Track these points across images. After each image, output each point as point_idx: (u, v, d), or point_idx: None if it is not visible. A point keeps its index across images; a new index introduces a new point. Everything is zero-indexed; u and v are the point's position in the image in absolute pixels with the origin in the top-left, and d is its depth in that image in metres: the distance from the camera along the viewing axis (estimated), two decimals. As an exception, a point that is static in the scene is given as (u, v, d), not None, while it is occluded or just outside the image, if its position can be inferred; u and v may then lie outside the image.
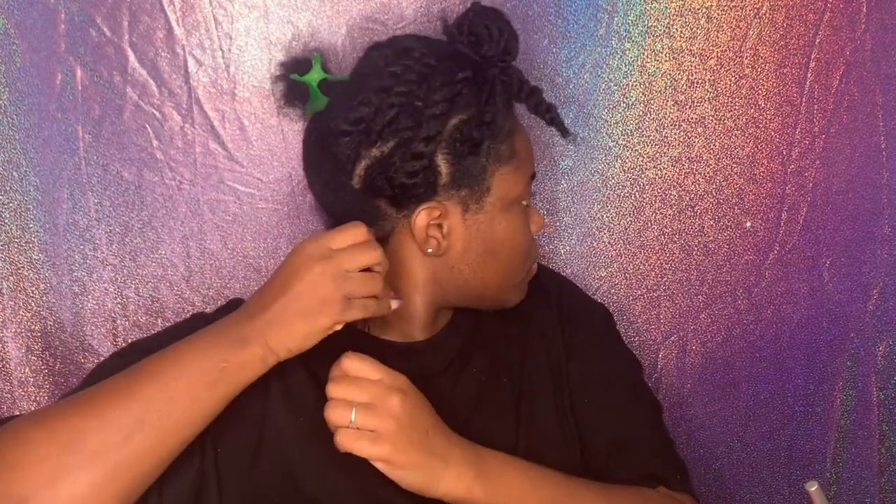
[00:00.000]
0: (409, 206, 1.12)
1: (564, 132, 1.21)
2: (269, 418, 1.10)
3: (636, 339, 1.49)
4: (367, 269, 1.05)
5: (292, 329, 1.01)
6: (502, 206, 1.15)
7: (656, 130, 1.46)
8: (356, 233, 1.04)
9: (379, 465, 1.03)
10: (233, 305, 1.15)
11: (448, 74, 1.11)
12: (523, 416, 1.19)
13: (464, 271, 1.16)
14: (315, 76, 1.15)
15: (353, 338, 1.14)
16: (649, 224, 1.48)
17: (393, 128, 1.10)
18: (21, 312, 1.40)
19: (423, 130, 1.09)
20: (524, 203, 1.18)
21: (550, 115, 1.19)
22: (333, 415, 1.02)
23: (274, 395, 1.11)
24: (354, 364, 1.04)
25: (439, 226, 1.13)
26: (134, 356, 1.03)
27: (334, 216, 1.16)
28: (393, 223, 1.14)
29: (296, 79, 1.16)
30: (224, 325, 1.03)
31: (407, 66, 1.11)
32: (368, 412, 1.02)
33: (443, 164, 1.11)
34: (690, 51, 1.44)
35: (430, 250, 1.14)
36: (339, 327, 1.03)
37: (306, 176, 1.19)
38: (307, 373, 1.11)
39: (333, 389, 1.03)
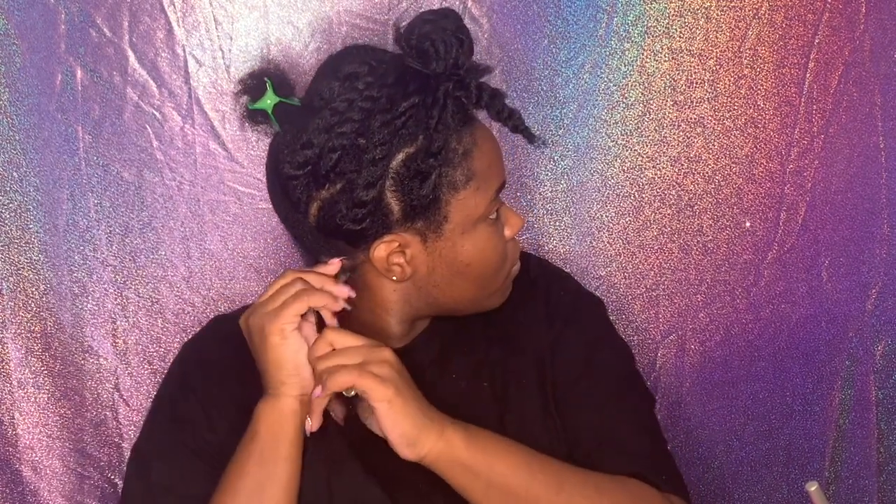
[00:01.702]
0: (366, 242, 1.10)
1: (531, 138, 1.15)
2: None
3: (635, 338, 1.49)
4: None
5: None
6: (464, 229, 1.11)
7: (655, 130, 1.45)
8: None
9: (378, 406, 1.04)
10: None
11: (389, 112, 1.06)
12: (507, 421, 1.17)
13: (433, 292, 1.14)
14: (269, 101, 1.11)
15: None
16: (648, 224, 1.48)
17: (338, 170, 1.07)
18: (21, 313, 1.40)
19: (364, 176, 1.06)
20: (492, 217, 1.13)
21: (514, 122, 1.12)
22: (333, 382, 1.04)
23: None
24: (338, 336, 1.07)
25: (402, 252, 1.10)
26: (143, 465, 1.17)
27: (304, 248, 1.16)
28: (355, 256, 1.12)
29: (251, 107, 1.12)
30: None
31: (349, 101, 1.06)
32: (365, 367, 1.04)
33: (392, 201, 1.07)
34: (689, 51, 1.44)
35: (394, 278, 1.12)
36: (292, 325, 1.07)
37: (274, 209, 1.17)
38: None
39: (323, 362, 1.06)
